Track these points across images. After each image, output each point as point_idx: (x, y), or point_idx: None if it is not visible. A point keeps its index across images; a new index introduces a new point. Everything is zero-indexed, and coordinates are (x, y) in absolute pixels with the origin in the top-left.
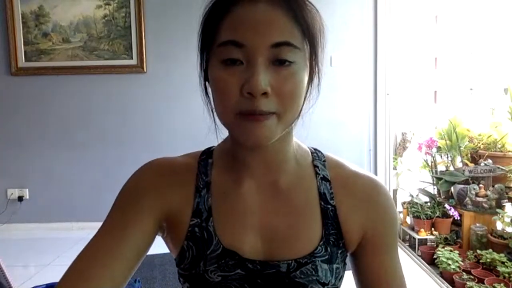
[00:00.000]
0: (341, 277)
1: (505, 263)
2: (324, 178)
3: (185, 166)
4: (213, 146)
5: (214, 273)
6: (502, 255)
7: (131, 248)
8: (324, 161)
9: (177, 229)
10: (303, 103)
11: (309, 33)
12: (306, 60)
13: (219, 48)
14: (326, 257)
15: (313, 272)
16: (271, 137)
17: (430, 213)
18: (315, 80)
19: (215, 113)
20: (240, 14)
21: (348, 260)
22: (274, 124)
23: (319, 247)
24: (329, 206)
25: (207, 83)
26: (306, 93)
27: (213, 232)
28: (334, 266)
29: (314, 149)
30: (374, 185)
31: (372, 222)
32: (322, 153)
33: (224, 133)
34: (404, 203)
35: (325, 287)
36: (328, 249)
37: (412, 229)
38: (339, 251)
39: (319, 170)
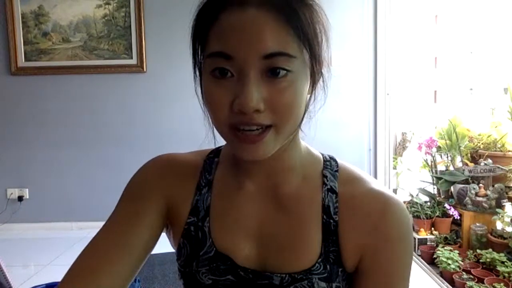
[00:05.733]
0: None
1: (505, 263)
2: (331, 190)
3: (191, 162)
4: (223, 145)
5: (205, 275)
6: (502, 254)
7: (138, 242)
8: (336, 171)
9: (176, 225)
10: (305, 111)
11: (307, 37)
12: (306, 66)
13: (208, 59)
14: (325, 275)
15: None
16: (269, 152)
17: (430, 212)
18: (320, 83)
19: None
20: (228, 22)
21: None
22: (272, 139)
23: (317, 264)
24: (331, 221)
25: None
26: (310, 99)
27: (208, 233)
28: (334, 285)
29: (330, 157)
30: (383, 200)
31: (373, 240)
32: (336, 163)
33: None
34: (404, 202)
35: None
36: (328, 267)
37: (412, 228)
38: (340, 269)
39: (327, 181)
